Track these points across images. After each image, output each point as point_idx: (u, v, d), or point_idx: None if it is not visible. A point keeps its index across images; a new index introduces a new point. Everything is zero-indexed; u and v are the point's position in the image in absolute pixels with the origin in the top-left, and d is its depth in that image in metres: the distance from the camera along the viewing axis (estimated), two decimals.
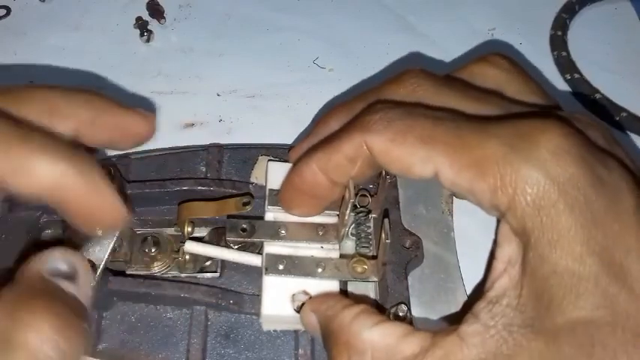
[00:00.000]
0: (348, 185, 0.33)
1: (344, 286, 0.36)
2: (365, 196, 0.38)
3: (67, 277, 0.27)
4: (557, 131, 0.27)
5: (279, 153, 0.41)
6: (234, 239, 0.36)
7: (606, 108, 0.51)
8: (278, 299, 0.34)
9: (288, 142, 0.43)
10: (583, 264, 0.25)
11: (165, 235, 0.38)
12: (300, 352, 0.35)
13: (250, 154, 0.42)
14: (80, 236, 0.33)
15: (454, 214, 0.41)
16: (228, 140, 0.45)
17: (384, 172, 0.35)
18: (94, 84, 0.50)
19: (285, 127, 0.48)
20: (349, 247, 0.37)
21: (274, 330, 0.36)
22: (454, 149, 0.28)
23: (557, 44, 0.55)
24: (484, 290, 0.28)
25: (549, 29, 0.57)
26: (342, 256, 0.36)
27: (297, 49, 0.55)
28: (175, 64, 0.53)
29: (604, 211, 0.25)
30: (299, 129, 0.47)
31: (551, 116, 0.28)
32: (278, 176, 0.37)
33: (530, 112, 0.30)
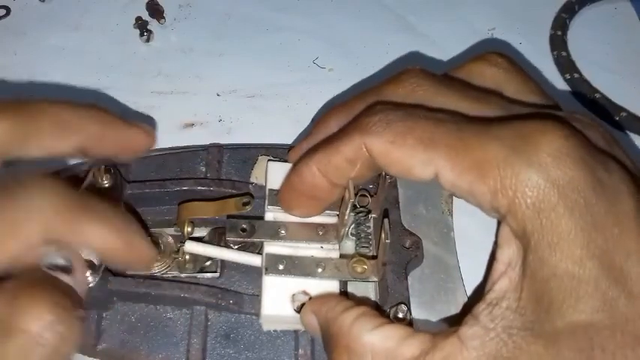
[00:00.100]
0: (347, 185, 0.33)
1: (344, 286, 0.36)
2: (365, 196, 0.38)
3: (64, 271, 0.28)
4: (558, 133, 0.27)
5: (279, 153, 0.41)
6: (234, 239, 0.36)
7: (606, 108, 0.51)
8: (278, 299, 0.34)
9: (288, 142, 0.43)
10: (583, 267, 0.25)
11: (166, 235, 0.38)
12: (300, 352, 0.35)
13: (250, 154, 0.42)
14: None
15: (454, 214, 0.41)
16: (228, 140, 0.45)
17: (383, 173, 0.35)
18: (94, 84, 0.50)
19: (285, 127, 0.48)
20: (349, 247, 0.37)
21: (274, 330, 0.36)
22: (455, 151, 0.28)
23: (557, 44, 0.55)
24: (484, 292, 0.28)
25: (549, 29, 0.56)
26: (342, 256, 0.36)
27: (297, 49, 0.55)
28: (175, 64, 0.53)
29: (604, 214, 0.25)
30: (299, 129, 0.47)
31: (552, 117, 0.28)
32: (278, 176, 0.37)
33: (531, 114, 0.30)
